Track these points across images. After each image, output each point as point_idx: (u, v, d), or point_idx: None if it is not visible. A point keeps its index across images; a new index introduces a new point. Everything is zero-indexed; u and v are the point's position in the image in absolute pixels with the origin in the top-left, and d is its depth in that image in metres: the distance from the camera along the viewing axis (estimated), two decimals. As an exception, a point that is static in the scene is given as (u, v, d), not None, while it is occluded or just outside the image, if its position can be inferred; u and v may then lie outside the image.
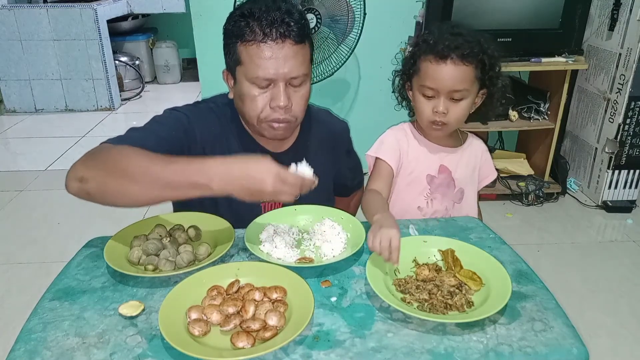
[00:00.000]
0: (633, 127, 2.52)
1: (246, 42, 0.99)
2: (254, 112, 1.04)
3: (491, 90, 1.17)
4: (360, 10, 2.11)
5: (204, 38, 2.66)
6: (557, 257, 2.29)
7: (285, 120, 1.05)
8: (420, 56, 1.14)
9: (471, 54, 1.09)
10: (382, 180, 1.21)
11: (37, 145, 3.62)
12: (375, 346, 0.73)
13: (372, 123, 1.78)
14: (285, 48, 0.98)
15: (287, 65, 0.99)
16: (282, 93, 1.01)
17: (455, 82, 1.10)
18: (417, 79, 1.16)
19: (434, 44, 1.11)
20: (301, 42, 1.01)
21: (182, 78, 5.22)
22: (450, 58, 1.09)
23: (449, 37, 1.10)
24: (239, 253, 0.97)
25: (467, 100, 1.14)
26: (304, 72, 1.03)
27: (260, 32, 0.97)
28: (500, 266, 0.89)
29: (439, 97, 1.13)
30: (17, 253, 2.31)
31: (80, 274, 0.91)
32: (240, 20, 1.00)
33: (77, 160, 0.91)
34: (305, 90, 1.06)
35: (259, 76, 0.99)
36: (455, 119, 1.15)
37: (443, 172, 1.24)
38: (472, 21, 2.32)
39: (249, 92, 1.03)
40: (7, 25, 3.96)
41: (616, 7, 2.43)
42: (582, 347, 0.74)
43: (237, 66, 1.03)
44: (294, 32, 0.98)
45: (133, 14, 4.80)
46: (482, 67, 1.12)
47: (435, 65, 1.11)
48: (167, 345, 0.71)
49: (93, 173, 0.87)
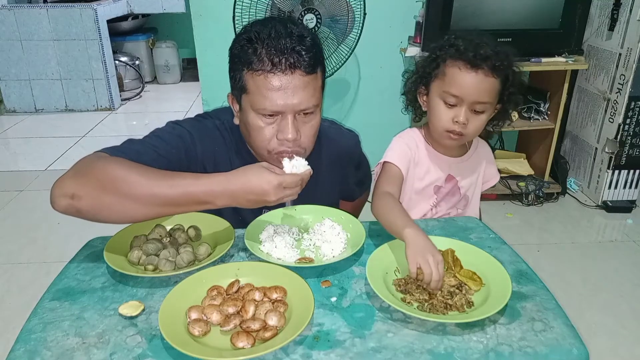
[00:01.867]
0: (633, 127, 2.51)
1: (253, 71, 0.93)
2: (261, 143, 0.99)
3: (506, 107, 1.14)
4: (360, 10, 2.11)
5: (204, 38, 2.66)
6: (557, 257, 2.29)
7: (294, 152, 0.98)
8: (446, 60, 1.09)
9: (501, 67, 1.06)
10: (394, 183, 1.16)
11: (37, 145, 3.62)
12: (375, 346, 0.73)
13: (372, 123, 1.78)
14: (295, 79, 0.92)
15: (296, 97, 0.93)
16: (290, 126, 0.95)
17: (481, 93, 1.07)
18: (439, 83, 1.11)
19: (465, 50, 1.07)
20: (312, 72, 0.95)
21: (182, 78, 5.21)
22: (481, 67, 1.05)
23: (481, 45, 1.06)
24: (239, 253, 0.97)
25: (487, 114, 1.11)
26: (314, 104, 0.97)
27: (269, 61, 0.91)
28: (500, 266, 0.89)
29: (461, 106, 1.09)
30: (17, 253, 2.31)
31: (80, 274, 0.91)
32: (248, 45, 0.94)
33: (63, 175, 0.87)
34: (315, 120, 1.00)
35: (265, 108, 0.94)
36: (473, 131, 1.12)
37: (449, 181, 1.23)
38: (472, 21, 2.32)
39: (255, 123, 0.97)
40: (7, 25, 3.96)
41: (616, 7, 2.42)
42: (582, 347, 0.74)
43: (242, 94, 0.98)
44: (305, 61, 0.92)
45: (133, 14, 4.80)
46: (504, 82, 1.09)
47: (465, 72, 1.06)
48: (167, 345, 0.71)
49: (86, 190, 0.84)
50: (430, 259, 0.84)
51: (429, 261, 0.84)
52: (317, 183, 1.13)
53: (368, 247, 0.98)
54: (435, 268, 0.83)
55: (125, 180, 0.85)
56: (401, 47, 2.73)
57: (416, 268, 0.84)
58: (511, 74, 1.10)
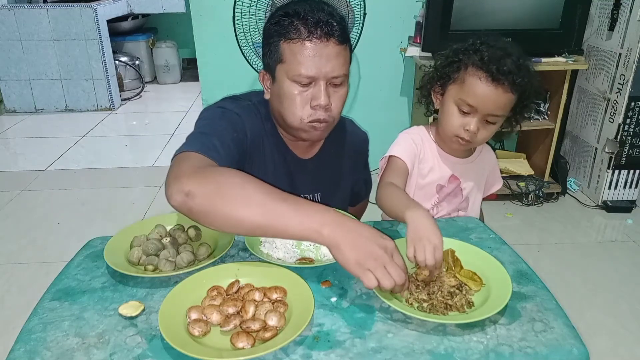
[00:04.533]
0: (633, 127, 2.51)
1: (290, 40, 0.98)
2: (295, 111, 1.02)
3: (517, 117, 1.15)
4: (360, 10, 2.11)
5: (204, 38, 2.66)
6: (557, 257, 2.29)
7: (325, 120, 1.03)
8: (467, 67, 1.08)
9: (521, 83, 1.06)
10: (399, 176, 1.15)
11: (37, 145, 3.62)
12: (375, 346, 0.73)
13: (372, 123, 1.78)
14: (329, 47, 0.98)
15: (329, 65, 0.99)
16: (322, 92, 1.00)
17: (497, 107, 1.07)
18: (456, 88, 1.10)
19: (488, 61, 1.05)
20: (343, 42, 1.01)
21: (182, 78, 5.21)
22: (502, 83, 1.04)
23: (504, 57, 1.05)
24: (239, 253, 0.97)
25: (497, 125, 1.11)
26: (344, 73, 1.02)
27: (305, 30, 0.97)
28: (501, 266, 0.89)
29: (474, 115, 1.08)
30: (17, 253, 2.31)
31: (80, 274, 0.91)
32: (284, 19, 1.00)
33: (180, 172, 0.85)
34: (344, 91, 1.05)
35: (301, 74, 0.98)
36: (482, 140, 1.13)
37: (452, 182, 1.23)
38: (472, 21, 2.32)
39: (289, 91, 1.01)
40: (7, 25, 3.96)
41: (616, 7, 2.42)
42: (583, 348, 0.74)
43: (277, 64, 1.02)
44: (337, 32, 0.99)
45: (133, 14, 4.80)
46: (521, 96, 1.09)
47: (485, 85, 1.05)
48: (167, 345, 0.71)
49: (203, 190, 0.81)
50: (426, 245, 0.83)
51: (425, 247, 0.83)
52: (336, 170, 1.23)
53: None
54: (431, 255, 0.82)
55: (242, 188, 0.82)
56: (401, 47, 2.73)
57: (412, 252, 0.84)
58: (529, 90, 1.09)
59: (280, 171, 1.14)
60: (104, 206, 2.70)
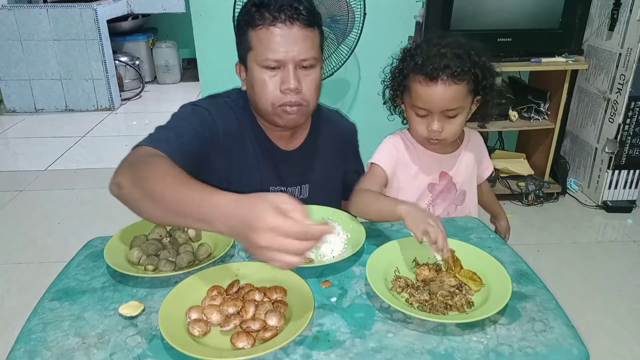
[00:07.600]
0: (633, 127, 2.51)
1: (256, 27, 1.01)
2: (266, 97, 1.04)
3: (486, 98, 1.14)
4: (360, 10, 2.11)
5: (204, 38, 2.65)
6: (557, 257, 2.29)
7: (297, 103, 1.04)
8: (409, 74, 1.11)
9: (462, 72, 1.05)
10: (375, 183, 1.17)
11: (37, 145, 3.62)
12: (375, 346, 0.73)
13: (372, 123, 1.78)
14: (294, 30, 1.00)
15: (296, 48, 1.00)
16: (291, 75, 1.01)
17: (447, 102, 1.07)
18: (408, 97, 1.14)
19: (422, 63, 1.07)
20: (310, 26, 1.02)
21: (182, 78, 5.21)
22: (440, 79, 1.05)
23: (437, 54, 1.06)
24: (239, 253, 0.97)
25: (462, 115, 1.11)
26: (313, 55, 1.03)
27: (270, 16, 1.00)
28: (501, 266, 0.89)
29: (432, 116, 1.10)
30: (17, 253, 2.31)
31: (80, 274, 0.91)
32: (251, 9, 1.03)
33: (121, 162, 0.90)
34: (315, 74, 1.06)
35: (268, 58, 1.01)
36: (451, 134, 1.13)
37: (444, 178, 1.23)
38: (472, 21, 2.32)
39: (260, 77, 1.03)
40: (7, 25, 3.96)
41: (616, 7, 2.42)
42: (583, 348, 0.74)
43: (247, 53, 1.05)
44: (302, 15, 1.01)
45: (133, 14, 4.80)
46: (474, 80, 1.08)
47: (426, 86, 1.07)
48: (167, 345, 0.71)
49: (127, 182, 0.85)
50: (431, 221, 0.87)
51: (430, 223, 0.87)
52: (323, 161, 1.23)
53: (368, 247, 0.98)
54: (440, 232, 0.86)
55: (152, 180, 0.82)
56: (401, 47, 2.72)
57: (421, 234, 0.87)
58: (479, 71, 1.08)
59: (264, 163, 1.15)
60: (104, 206, 2.69)
